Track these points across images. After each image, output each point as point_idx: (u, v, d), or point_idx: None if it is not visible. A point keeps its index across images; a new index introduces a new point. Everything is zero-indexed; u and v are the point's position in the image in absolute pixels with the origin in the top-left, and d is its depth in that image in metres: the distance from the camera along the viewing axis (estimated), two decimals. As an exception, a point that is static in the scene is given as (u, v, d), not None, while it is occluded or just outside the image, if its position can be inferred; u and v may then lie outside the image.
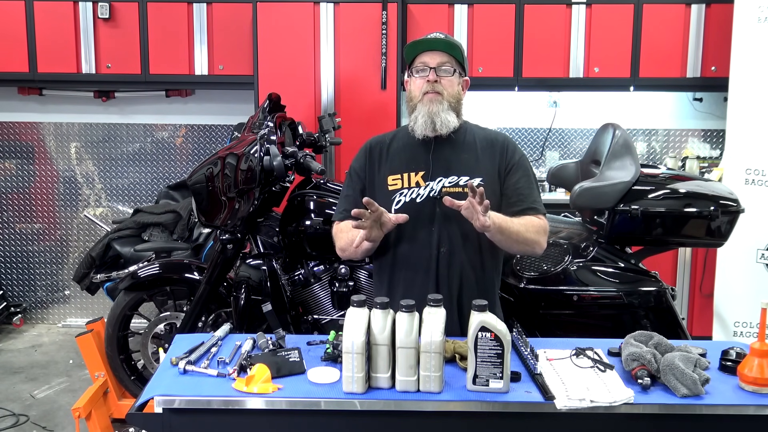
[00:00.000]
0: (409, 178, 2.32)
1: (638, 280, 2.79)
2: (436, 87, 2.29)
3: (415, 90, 2.33)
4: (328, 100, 4.16)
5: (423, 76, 2.30)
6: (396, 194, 2.31)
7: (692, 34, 4.29)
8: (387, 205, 2.30)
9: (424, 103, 2.29)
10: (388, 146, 2.40)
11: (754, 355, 1.84)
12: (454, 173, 2.30)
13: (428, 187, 2.29)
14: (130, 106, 4.85)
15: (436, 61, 2.30)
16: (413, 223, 2.28)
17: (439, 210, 2.28)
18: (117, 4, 4.38)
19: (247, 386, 1.82)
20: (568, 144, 4.81)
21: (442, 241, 2.28)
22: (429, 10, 4.30)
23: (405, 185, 2.31)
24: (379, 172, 2.37)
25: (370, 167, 2.39)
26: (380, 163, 2.38)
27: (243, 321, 3.06)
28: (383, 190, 2.34)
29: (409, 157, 2.35)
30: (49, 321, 5.05)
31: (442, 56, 2.31)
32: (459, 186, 2.29)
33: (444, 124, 2.28)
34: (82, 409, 3.12)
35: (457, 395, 1.81)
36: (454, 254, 2.28)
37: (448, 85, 2.31)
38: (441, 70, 2.30)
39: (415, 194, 2.29)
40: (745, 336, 3.96)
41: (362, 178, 2.40)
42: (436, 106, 2.28)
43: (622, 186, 2.78)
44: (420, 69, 2.31)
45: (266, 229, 3.20)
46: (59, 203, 4.96)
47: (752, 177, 3.94)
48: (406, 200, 2.29)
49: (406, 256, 2.31)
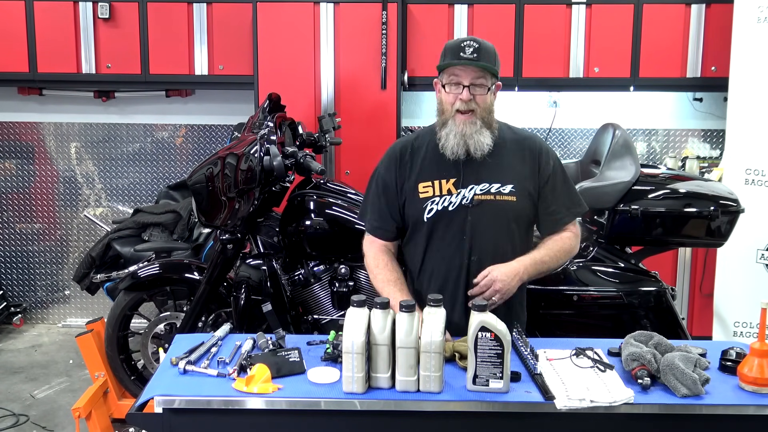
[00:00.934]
0: (441, 186, 2.28)
1: (638, 280, 2.79)
2: (470, 105, 2.21)
3: (446, 104, 2.25)
4: (328, 100, 4.16)
5: (455, 93, 2.22)
6: (428, 202, 2.28)
7: (692, 34, 4.29)
8: (418, 213, 2.29)
9: (456, 122, 2.22)
10: (417, 152, 2.34)
11: (754, 355, 1.84)
12: (485, 180, 2.27)
13: (460, 195, 2.26)
14: (130, 106, 4.85)
15: (470, 78, 2.20)
16: (444, 231, 2.27)
17: (470, 218, 2.26)
18: (117, 4, 4.37)
19: (247, 386, 1.82)
20: (568, 144, 4.81)
21: (474, 249, 2.27)
22: (429, 10, 4.30)
23: (436, 193, 2.28)
24: (409, 179, 2.32)
25: (399, 175, 2.33)
26: (411, 170, 2.33)
27: (243, 321, 3.06)
28: (414, 197, 2.30)
29: (439, 163, 2.29)
30: (49, 321, 5.05)
31: (476, 71, 2.20)
32: (491, 193, 2.26)
33: (478, 146, 2.22)
34: (82, 409, 3.12)
35: (457, 395, 1.81)
36: (485, 263, 2.25)
37: (482, 100, 2.23)
38: (474, 87, 2.21)
39: (447, 202, 2.27)
40: (745, 336, 3.96)
41: (391, 186, 2.34)
42: (469, 128, 2.21)
43: (622, 186, 2.78)
44: (452, 83, 2.22)
45: (266, 229, 3.20)
46: (59, 203, 4.96)
47: (752, 177, 3.94)
48: (438, 208, 2.27)
49: (437, 265, 2.30)
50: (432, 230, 2.29)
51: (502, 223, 2.28)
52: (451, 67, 2.22)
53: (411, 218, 2.32)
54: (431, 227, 2.29)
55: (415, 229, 2.33)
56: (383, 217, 2.36)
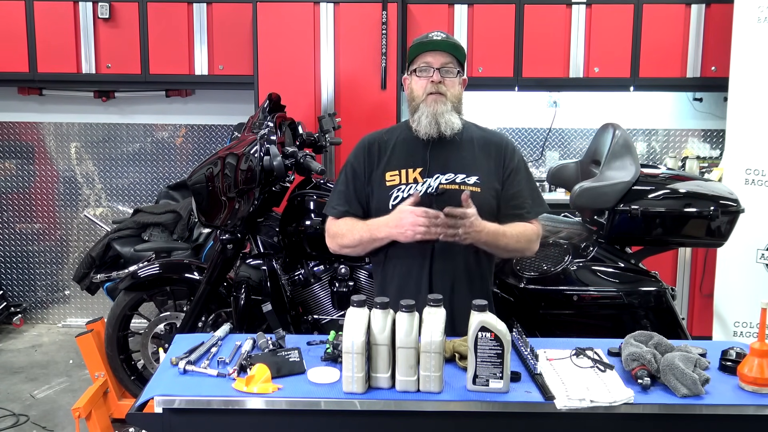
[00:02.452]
0: (407, 175, 2.33)
1: (638, 280, 2.79)
2: (440, 88, 2.29)
3: (417, 90, 2.33)
4: (328, 100, 4.16)
5: (426, 76, 2.31)
6: (393, 190, 2.32)
7: (692, 34, 4.29)
8: (384, 201, 2.33)
9: (428, 103, 2.30)
10: (386, 143, 2.41)
11: (754, 355, 1.84)
12: (451, 170, 2.32)
13: (425, 184, 2.31)
14: (130, 106, 4.85)
15: (440, 62, 2.30)
16: None
17: (435, 206, 2.28)
18: (117, 4, 4.38)
19: (247, 386, 1.82)
20: (568, 144, 4.81)
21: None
22: (429, 10, 4.30)
23: (402, 181, 2.33)
24: (378, 168, 2.38)
25: (368, 164, 2.39)
26: (379, 160, 2.38)
27: (243, 321, 3.06)
28: (381, 185, 2.35)
29: (407, 154, 2.36)
30: (49, 321, 5.05)
31: (445, 56, 2.31)
32: (456, 183, 2.31)
33: (448, 124, 2.29)
34: (82, 409, 3.12)
35: (457, 395, 1.81)
36: (448, 250, 2.29)
37: (451, 85, 2.32)
38: (444, 71, 2.31)
39: (412, 190, 2.30)
40: (745, 336, 3.96)
41: (360, 174, 2.39)
42: (440, 107, 2.29)
43: (622, 186, 2.78)
44: (423, 69, 2.31)
45: (266, 229, 3.20)
46: (59, 203, 4.96)
47: (752, 177, 3.94)
48: (404, 196, 2.31)
49: (402, 252, 2.32)
50: None
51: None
52: (421, 55, 2.32)
53: (377, 206, 2.35)
54: None
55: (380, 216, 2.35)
56: (351, 202, 2.39)
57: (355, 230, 2.33)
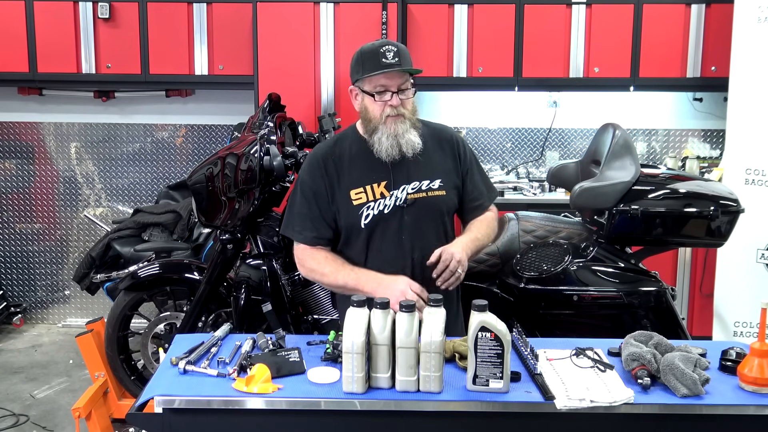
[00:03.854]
0: (373, 190, 2.29)
1: (638, 280, 2.79)
2: (399, 110, 2.25)
3: (374, 112, 2.27)
4: (328, 100, 4.16)
5: (384, 101, 2.25)
6: (363, 208, 2.29)
7: (692, 34, 4.29)
8: (354, 220, 2.29)
9: (387, 125, 2.25)
10: (340, 157, 2.34)
11: (754, 355, 1.84)
12: (414, 179, 2.31)
13: (393, 197, 2.29)
14: (130, 106, 4.85)
15: (397, 84, 2.25)
16: (383, 234, 2.29)
17: (407, 218, 2.29)
18: (117, 4, 4.38)
19: (247, 386, 1.82)
20: (568, 144, 4.81)
21: (415, 248, 2.30)
22: (429, 10, 4.30)
23: (370, 198, 2.29)
24: (339, 186, 2.31)
25: (328, 183, 2.32)
26: (338, 177, 2.32)
27: (243, 321, 3.06)
28: (347, 205, 2.30)
29: (367, 168, 2.31)
30: (49, 321, 5.05)
31: (400, 76, 2.25)
32: (422, 191, 2.31)
33: (409, 144, 2.26)
34: (82, 409, 3.12)
35: (457, 395, 1.81)
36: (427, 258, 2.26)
37: (409, 104, 2.29)
38: (401, 92, 2.26)
39: (381, 206, 2.28)
40: (745, 336, 3.96)
41: (321, 194, 2.32)
42: (400, 127, 2.25)
43: (622, 186, 2.78)
44: (380, 92, 2.25)
45: (266, 229, 3.20)
46: (59, 203, 4.96)
47: (752, 177, 3.93)
48: (375, 213, 2.28)
49: (381, 267, 2.28)
50: (370, 235, 2.30)
51: (436, 217, 2.34)
52: (376, 77, 2.24)
53: (346, 226, 2.31)
54: (369, 232, 2.30)
55: (352, 235, 2.33)
56: (317, 225, 2.32)
57: (339, 275, 2.27)
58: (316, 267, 2.31)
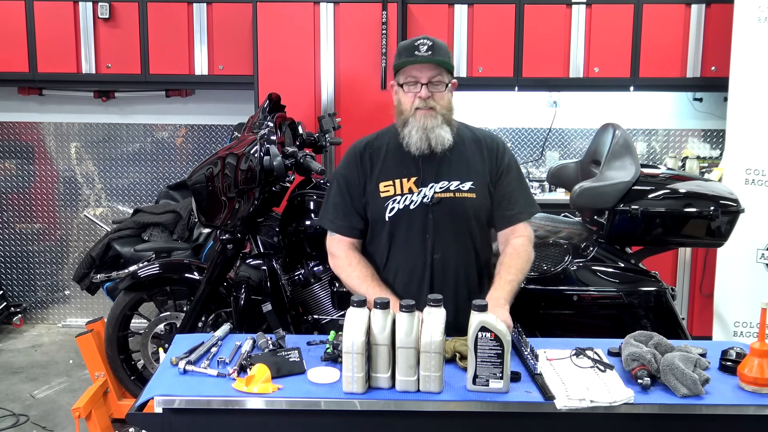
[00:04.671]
0: (402, 185, 2.29)
1: (638, 280, 2.79)
2: (429, 103, 2.24)
3: (405, 104, 2.28)
4: (328, 100, 4.16)
5: (414, 92, 2.25)
6: (389, 201, 2.29)
7: (692, 34, 4.29)
8: (380, 212, 2.30)
9: (417, 118, 2.25)
10: (377, 152, 2.36)
11: (754, 355, 1.84)
12: (444, 178, 2.30)
13: (421, 194, 2.28)
14: (130, 106, 4.85)
15: (427, 76, 2.24)
16: (406, 230, 2.28)
17: (432, 216, 2.27)
18: (117, 4, 4.38)
19: (247, 386, 1.82)
20: (568, 144, 4.81)
21: (436, 248, 2.28)
22: (429, 10, 4.30)
23: (398, 192, 2.29)
24: (371, 179, 2.33)
25: (362, 174, 2.35)
26: (372, 169, 2.34)
27: (243, 321, 3.06)
28: (376, 197, 2.31)
29: (399, 163, 2.32)
30: (49, 321, 5.05)
31: (432, 69, 2.24)
32: (450, 191, 2.29)
33: (439, 140, 2.25)
34: (82, 409, 3.12)
35: (457, 395, 1.81)
36: (448, 261, 2.27)
37: (440, 98, 2.27)
38: (432, 84, 2.25)
39: (408, 201, 2.28)
40: (745, 336, 3.96)
41: (355, 184, 2.35)
42: (430, 122, 2.24)
43: (622, 186, 2.78)
44: (410, 83, 2.25)
45: (266, 229, 3.20)
46: (59, 203, 4.96)
47: (752, 177, 3.94)
48: (400, 207, 2.28)
49: (401, 263, 2.30)
50: (394, 229, 2.30)
51: (463, 220, 2.30)
52: (407, 67, 2.25)
53: (373, 217, 2.33)
54: (393, 226, 2.30)
55: (377, 228, 2.34)
56: (349, 214, 2.35)
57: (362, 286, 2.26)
58: (346, 266, 2.33)
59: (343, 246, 2.37)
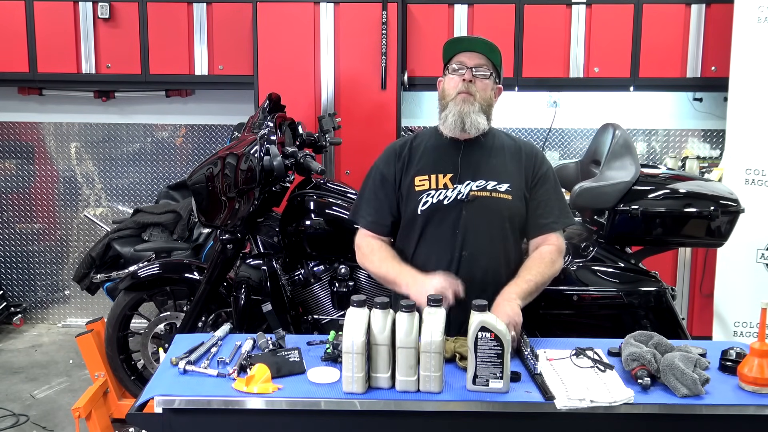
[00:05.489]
0: (437, 180, 2.30)
1: (638, 280, 2.79)
2: (470, 87, 2.28)
3: (449, 88, 2.31)
4: (328, 100, 4.16)
5: (459, 75, 2.29)
6: (423, 195, 2.30)
7: (692, 34, 4.29)
8: (413, 206, 2.30)
9: (456, 102, 2.28)
10: (415, 148, 2.38)
11: (754, 355, 1.84)
12: (481, 177, 2.30)
13: (456, 190, 2.28)
14: (130, 106, 4.85)
15: (474, 62, 2.29)
16: (438, 224, 2.28)
17: (465, 213, 2.27)
18: (117, 4, 4.37)
19: (247, 386, 1.82)
20: (568, 144, 4.81)
21: (466, 244, 2.27)
22: (429, 10, 4.30)
23: (432, 186, 2.30)
24: (407, 173, 2.35)
25: (399, 169, 2.36)
26: (409, 165, 2.36)
27: (243, 321, 3.06)
28: (411, 191, 2.32)
29: (437, 159, 2.33)
30: (49, 321, 5.05)
31: (480, 58, 2.30)
32: (486, 190, 2.28)
33: (474, 125, 2.28)
34: (82, 409, 3.12)
35: (457, 395, 1.81)
36: (476, 259, 2.26)
37: (482, 87, 2.30)
38: (477, 71, 2.29)
39: (442, 196, 2.28)
40: (745, 336, 3.96)
41: (390, 180, 2.36)
42: (467, 107, 2.27)
43: (622, 186, 2.78)
44: (457, 68, 2.30)
45: (266, 229, 3.20)
46: (59, 203, 4.96)
47: (752, 177, 3.94)
48: (433, 201, 2.28)
49: (428, 258, 2.29)
50: (426, 223, 2.30)
51: (496, 221, 2.30)
52: (457, 54, 2.31)
53: (406, 212, 2.34)
54: (425, 220, 2.30)
55: (408, 223, 2.34)
56: (380, 210, 2.37)
57: (384, 264, 2.29)
58: (368, 253, 2.34)
59: (367, 239, 2.39)
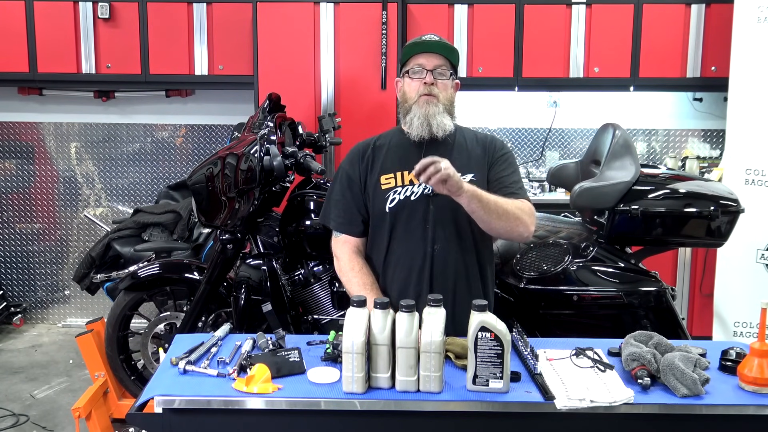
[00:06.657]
0: (402, 177, 2.33)
1: (638, 280, 2.79)
2: (432, 90, 2.29)
3: (410, 92, 2.33)
4: (328, 100, 4.16)
5: (419, 78, 2.30)
6: (390, 192, 2.32)
7: (692, 34, 4.30)
8: (381, 204, 2.32)
9: (419, 105, 2.29)
10: (379, 147, 2.41)
11: (754, 355, 1.84)
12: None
13: (421, 186, 2.30)
14: (130, 106, 4.85)
15: (433, 64, 2.30)
16: (407, 221, 2.30)
17: (433, 207, 2.29)
18: (117, 4, 4.38)
19: (247, 386, 1.82)
20: (568, 144, 4.81)
21: (437, 238, 2.29)
22: (429, 10, 4.30)
23: (398, 183, 2.32)
24: (372, 173, 2.37)
25: (363, 169, 2.38)
26: (373, 165, 2.38)
27: (243, 321, 3.06)
28: (377, 190, 2.34)
29: (401, 157, 2.35)
30: (49, 321, 5.05)
31: (438, 59, 2.31)
32: None
33: (440, 126, 2.29)
34: (82, 409, 3.12)
35: (457, 395, 1.81)
36: (449, 252, 2.29)
37: (443, 88, 2.32)
38: (437, 73, 2.30)
39: (409, 192, 2.31)
40: (745, 336, 3.97)
41: (356, 180, 2.38)
42: (432, 108, 2.28)
43: (622, 186, 2.78)
44: (416, 70, 2.31)
45: (266, 229, 3.20)
46: (59, 203, 4.96)
47: (752, 177, 3.94)
48: (400, 198, 2.30)
49: (401, 255, 2.32)
50: (395, 221, 2.32)
51: (464, 212, 2.27)
52: (414, 56, 2.32)
53: (374, 211, 2.35)
54: (394, 218, 2.31)
55: (378, 222, 2.35)
56: (348, 211, 2.38)
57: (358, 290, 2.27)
58: (348, 271, 2.35)
59: (347, 249, 2.38)
